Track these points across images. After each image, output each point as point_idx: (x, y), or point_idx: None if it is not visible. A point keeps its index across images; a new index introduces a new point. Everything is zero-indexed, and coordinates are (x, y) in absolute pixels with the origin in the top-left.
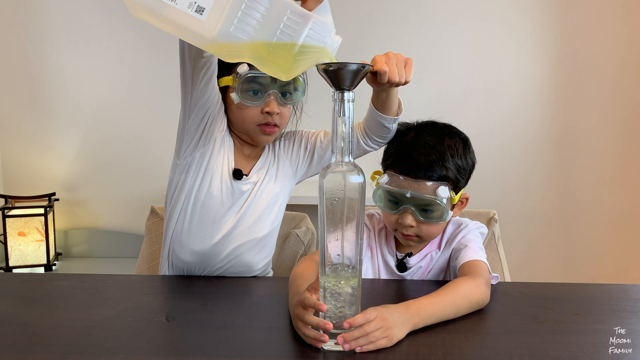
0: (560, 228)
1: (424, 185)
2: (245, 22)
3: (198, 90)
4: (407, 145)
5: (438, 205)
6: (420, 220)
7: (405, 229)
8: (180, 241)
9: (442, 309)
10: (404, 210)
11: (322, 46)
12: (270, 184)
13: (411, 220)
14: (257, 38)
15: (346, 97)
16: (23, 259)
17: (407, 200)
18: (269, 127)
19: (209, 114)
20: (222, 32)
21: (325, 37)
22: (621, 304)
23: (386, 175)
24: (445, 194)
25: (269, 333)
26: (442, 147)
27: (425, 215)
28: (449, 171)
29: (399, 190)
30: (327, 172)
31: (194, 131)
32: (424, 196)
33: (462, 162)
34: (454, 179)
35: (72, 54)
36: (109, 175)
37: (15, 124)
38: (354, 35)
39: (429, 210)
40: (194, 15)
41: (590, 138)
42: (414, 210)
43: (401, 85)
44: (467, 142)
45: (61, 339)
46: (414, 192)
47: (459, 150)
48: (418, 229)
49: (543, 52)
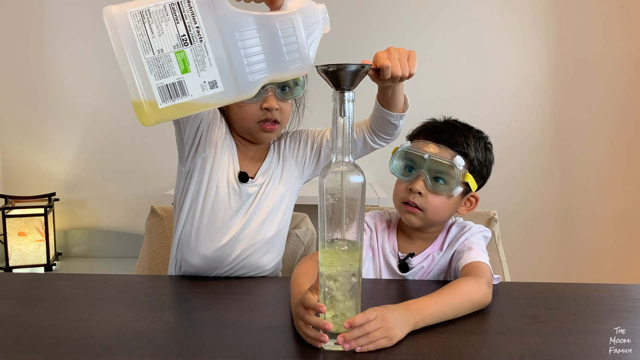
0: (560, 228)
1: (444, 150)
2: (254, 62)
3: None
4: (436, 122)
5: (451, 172)
6: (430, 189)
7: (413, 196)
8: (189, 246)
9: (442, 309)
10: (417, 175)
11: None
12: (276, 185)
13: (421, 186)
14: (272, 66)
15: (346, 97)
16: (23, 259)
17: (424, 164)
18: (269, 124)
19: (204, 124)
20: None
21: (317, 17)
22: (621, 304)
23: (409, 142)
24: (461, 163)
25: (269, 333)
26: (468, 134)
27: (436, 184)
28: (470, 151)
29: (418, 152)
30: (327, 172)
31: (191, 141)
32: (441, 159)
33: (481, 155)
34: (471, 160)
35: (72, 54)
36: (109, 175)
37: (16, 124)
38: (354, 35)
39: (440, 178)
40: (212, 93)
41: (591, 138)
42: (426, 177)
43: (405, 79)
44: (490, 146)
45: (61, 339)
46: (432, 155)
47: (481, 145)
48: (424, 200)
49: (543, 52)
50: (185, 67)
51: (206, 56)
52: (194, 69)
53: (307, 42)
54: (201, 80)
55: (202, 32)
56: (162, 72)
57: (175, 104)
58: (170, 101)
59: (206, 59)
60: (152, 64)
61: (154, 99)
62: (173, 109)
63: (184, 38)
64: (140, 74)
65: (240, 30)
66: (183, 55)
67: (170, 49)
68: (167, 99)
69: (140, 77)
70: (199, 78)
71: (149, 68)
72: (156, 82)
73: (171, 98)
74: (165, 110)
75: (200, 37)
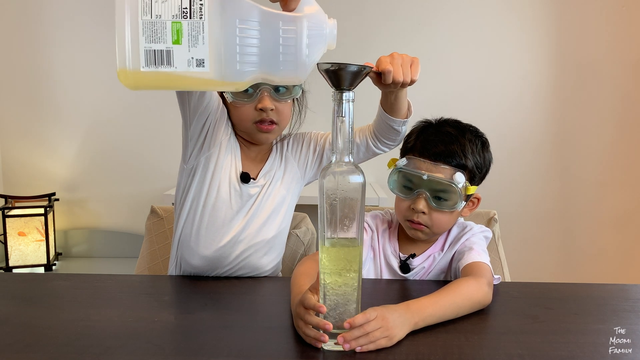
0: (560, 228)
1: (442, 168)
2: (246, 53)
3: (194, 101)
4: (429, 132)
5: (453, 191)
6: (433, 207)
7: (417, 215)
8: (189, 245)
9: (443, 309)
10: (417, 194)
11: (324, 40)
12: (278, 186)
13: (424, 205)
14: (263, 63)
15: (346, 97)
16: (23, 259)
17: (423, 184)
18: (265, 125)
19: (210, 121)
20: (229, 74)
21: (323, 29)
22: (621, 304)
23: (405, 158)
24: (461, 180)
25: (269, 333)
26: (463, 140)
27: (439, 202)
28: (468, 161)
29: (416, 172)
30: (327, 172)
31: (196, 138)
32: (441, 179)
33: (480, 158)
34: (470, 169)
35: (72, 54)
36: (109, 175)
37: (16, 124)
38: (355, 35)
39: (442, 197)
40: (196, 71)
41: (590, 138)
42: (428, 196)
43: (407, 85)
44: (486, 143)
45: (61, 339)
46: (430, 175)
47: (478, 147)
48: (429, 218)
49: (543, 52)
50: (178, 38)
51: (201, 34)
52: (185, 42)
53: (305, 49)
54: (189, 56)
55: (204, 10)
56: (153, 37)
57: (157, 71)
58: (153, 67)
59: (200, 36)
60: (147, 27)
61: (138, 60)
62: (153, 76)
63: (185, 11)
64: (133, 33)
65: (243, 19)
66: (179, 26)
67: (169, 17)
68: (151, 64)
69: (131, 36)
70: (187, 53)
71: (142, 29)
72: (145, 44)
73: (155, 64)
74: (146, 76)
75: (201, 14)
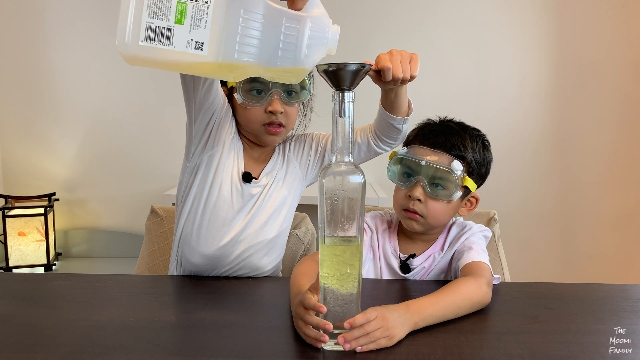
0: (560, 228)
1: (441, 155)
2: (246, 43)
3: (200, 97)
4: (432, 125)
5: (450, 179)
6: (429, 195)
7: (412, 203)
8: (189, 243)
9: (442, 308)
10: (415, 182)
11: (325, 43)
12: (279, 186)
13: (420, 192)
14: (261, 56)
15: (346, 97)
16: (23, 259)
17: (421, 170)
18: (274, 127)
19: (215, 118)
20: (226, 60)
21: (325, 33)
22: (621, 304)
23: (405, 147)
24: (459, 168)
25: (269, 333)
26: (465, 135)
27: (435, 190)
28: (467, 153)
29: (415, 158)
30: (327, 172)
31: (200, 135)
32: (439, 165)
33: (479, 156)
34: (469, 162)
35: (72, 54)
36: (109, 175)
37: (16, 124)
38: (355, 35)
39: (439, 184)
40: (194, 53)
41: (590, 138)
42: (425, 184)
43: (407, 81)
44: (488, 144)
45: (61, 339)
46: (429, 161)
47: (478, 145)
48: (424, 207)
49: (543, 52)
50: (181, 18)
51: (204, 17)
52: (188, 23)
53: (305, 49)
54: (190, 37)
55: None
56: (157, 14)
57: (155, 47)
58: (152, 42)
59: (203, 19)
60: (152, 2)
61: (138, 34)
62: (150, 51)
63: None
64: (137, 6)
65: (248, 9)
66: (184, 7)
67: None
68: (150, 39)
69: (135, 9)
70: (188, 34)
71: (147, 4)
72: (147, 19)
73: (154, 40)
74: (143, 50)
75: None
